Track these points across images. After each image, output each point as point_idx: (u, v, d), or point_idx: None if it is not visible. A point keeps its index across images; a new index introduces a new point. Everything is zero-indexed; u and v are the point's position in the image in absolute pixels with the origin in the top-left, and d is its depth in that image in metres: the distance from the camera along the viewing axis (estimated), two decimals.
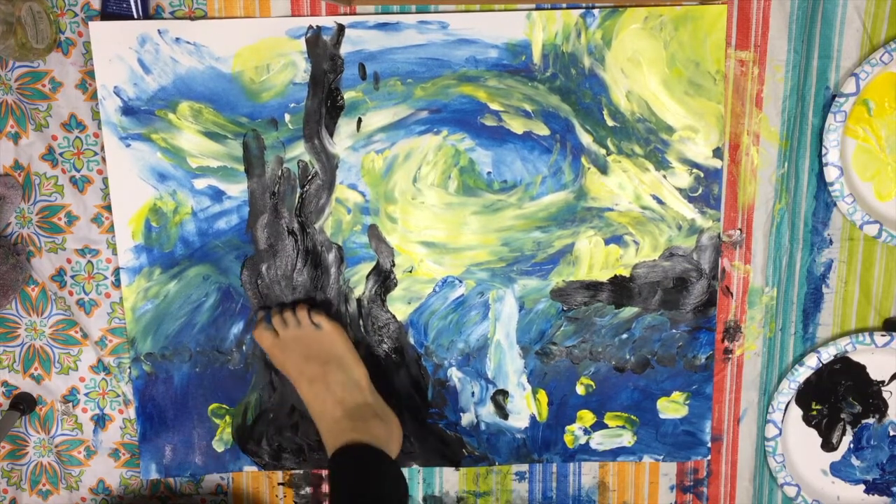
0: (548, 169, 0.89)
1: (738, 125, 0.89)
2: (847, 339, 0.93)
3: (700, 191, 0.89)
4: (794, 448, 0.97)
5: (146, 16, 0.86)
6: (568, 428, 0.95)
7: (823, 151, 0.88)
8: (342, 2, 0.84)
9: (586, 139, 0.88)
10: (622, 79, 0.87)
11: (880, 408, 0.96)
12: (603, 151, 0.88)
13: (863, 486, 0.98)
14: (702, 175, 0.89)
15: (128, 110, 0.87)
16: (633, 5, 0.85)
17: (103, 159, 0.89)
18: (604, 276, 0.91)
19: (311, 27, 0.86)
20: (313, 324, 0.87)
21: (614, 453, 0.96)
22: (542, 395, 0.94)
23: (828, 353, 0.93)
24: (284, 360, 0.88)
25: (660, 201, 0.90)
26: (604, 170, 0.89)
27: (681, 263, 0.91)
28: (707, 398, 0.94)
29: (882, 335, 0.92)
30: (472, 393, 0.94)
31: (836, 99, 0.86)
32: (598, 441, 0.95)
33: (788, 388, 0.94)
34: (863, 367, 0.95)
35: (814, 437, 0.97)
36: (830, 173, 0.88)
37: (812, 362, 0.93)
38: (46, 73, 0.87)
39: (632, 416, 0.95)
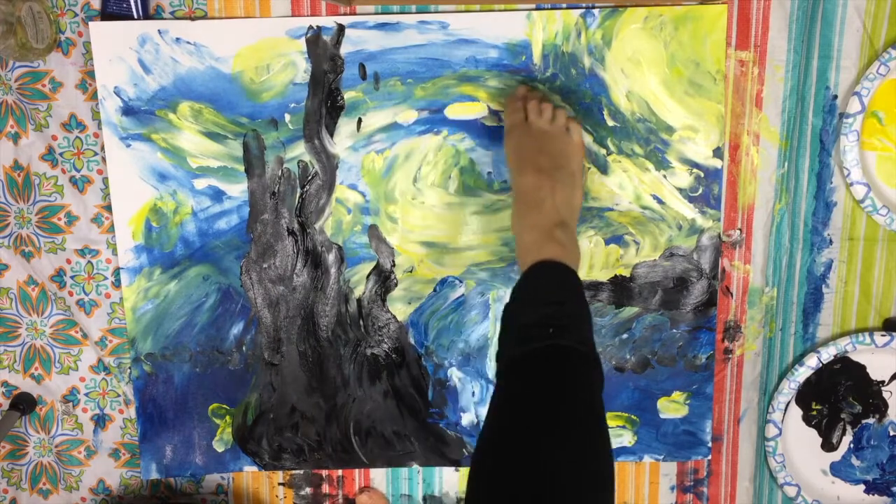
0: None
1: (738, 125, 0.89)
2: (847, 339, 0.93)
3: (700, 191, 0.89)
4: (794, 448, 0.97)
5: (146, 16, 0.86)
6: None
7: (846, 173, 0.88)
8: (342, 2, 0.84)
9: (586, 139, 0.88)
10: (622, 79, 0.87)
11: (880, 408, 0.96)
12: (603, 151, 0.88)
13: (863, 486, 0.98)
14: (702, 175, 0.89)
15: (128, 110, 0.87)
16: (633, 5, 0.85)
17: (103, 159, 0.89)
18: (604, 276, 0.91)
19: (311, 27, 0.86)
20: (566, 129, 0.81)
21: (615, 453, 0.96)
22: None
23: (828, 353, 0.93)
24: (520, 143, 0.80)
25: (660, 201, 0.90)
26: (604, 170, 0.89)
27: (681, 263, 0.91)
28: (707, 398, 0.94)
29: (882, 335, 0.92)
30: (473, 393, 0.94)
31: (845, 120, 0.86)
32: None
33: (788, 388, 0.94)
34: (863, 367, 0.95)
35: (814, 437, 0.97)
36: (858, 192, 0.88)
37: (812, 362, 0.93)
38: (46, 73, 0.88)
39: (632, 416, 0.95)
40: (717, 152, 0.88)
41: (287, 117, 0.88)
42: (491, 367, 0.93)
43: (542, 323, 0.66)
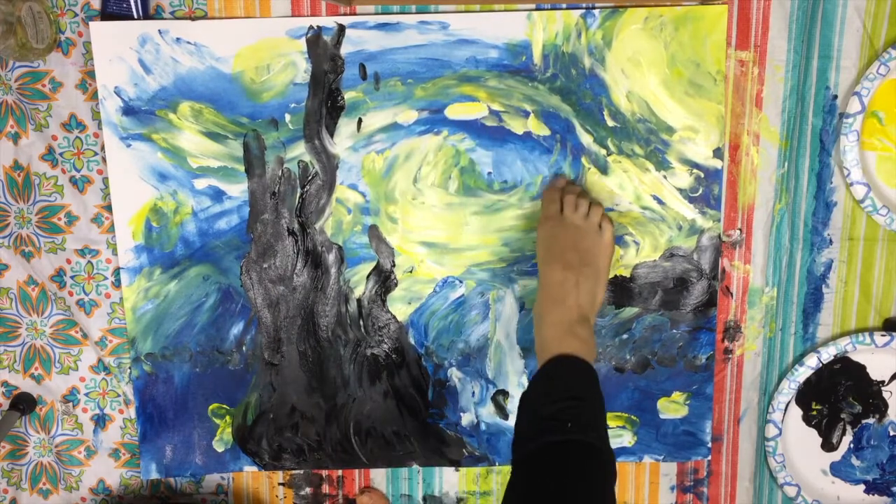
0: (548, 169, 0.89)
1: (738, 125, 0.89)
2: (847, 339, 0.93)
3: (700, 191, 0.89)
4: (794, 448, 0.97)
5: (146, 16, 0.86)
6: None
7: (846, 173, 0.88)
8: (342, 2, 0.84)
9: (587, 139, 0.88)
10: (622, 79, 0.87)
11: (880, 408, 0.96)
12: (603, 152, 0.88)
13: (863, 486, 0.98)
14: (702, 175, 0.89)
15: (128, 110, 0.87)
16: (634, 6, 0.85)
17: (103, 159, 0.89)
18: None
19: (311, 27, 0.86)
20: (599, 228, 0.83)
21: (615, 453, 0.96)
22: None
23: (828, 353, 0.93)
24: (552, 236, 0.82)
25: (660, 202, 0.90)
26: (604, 170, 0.89)
27: (681, 264, 0.91)
28: (707, 398, 0.94)
29: (882, 335, 0.92)
30: (473, 393, 0.94)
31: (845, 120, 0.86)
32: None
33: (788, 388, 0.94)
34: (863, 367, 0.95)
35: (814, 437, 0.97)
36: (858, 192, 0.88)
37: (812, 362, 0.93)
38: (46, 73, 0.87)
39: (632, 417, 0.95)
40: (718, 153, 0.88)
41: (287, 117, 0.88)
42: (490, 367, 0.93)
43: (561, 417, 0.68)
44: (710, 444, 0.95)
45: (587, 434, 0.68)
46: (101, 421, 0.96)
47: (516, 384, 0.94)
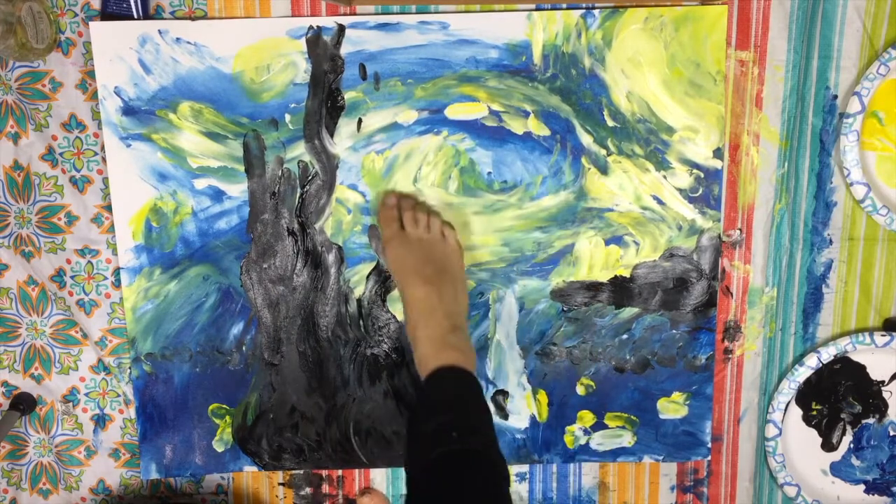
0: (548, 169, 0.89)
1: (738, 125, 0.89)
2: (847, 339, 0.93)
3: (700, 191, 0.89)
4: (794, 448, 0.97)
5: (146, 16, 0.86)
6: (568, 428, 0.95)
7: (846, 173, 0.88)
8: (342, 2, 0.84)
9: (587, 139, 0.88)
10: (622, 79, 0.87)
11: (880, 408, 0.96)
12: (603, 152, 0.88)
13: (863, 486, 0.98)
14: (702, 176, 0.89)
15: (128, 110, 0.87)
16: (634, 6, 0.85)
17: (103, 159, 0.89)
18: (604, 277, 0.91)
19: (311, 27, 0.86)
20: (442, 235, 0.86)
21: (614, 454, 0.96)
22: (543, 396, 0.94)
23: (828, 353, 0.93)
24: (403, 255, 0.84)
25: (660, 202, 0.90)
26: (604, 170, 0.89)
27: (681, 264, 0.91)
28: (707, 399, 0.94)
29: (882, 335, 0.92)
30: None
31: (845, 120, 0.86)
32: (599, 441, 0.96)
33: (788, 388, 0.94)
34: (863, 367, 0.95)
35: (814, 437, 0.97)
36: (858, 192, 0.88)
37: (812, 362, 0.93)
38: (46, 73, 0.87)
39: (632, 417, 0.95)
40: (718, 153, 0.88)
41: (287, 117, 0.88)
42: (490, 368, 0.93)
43: (447, 428, 0.69)
44: (709, 445, 0.95)
45: (473, 441, 0.69)
46: (101, 421, 0.96)
47: (516, 384, 0.94)
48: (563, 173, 0.89)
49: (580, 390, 0.94)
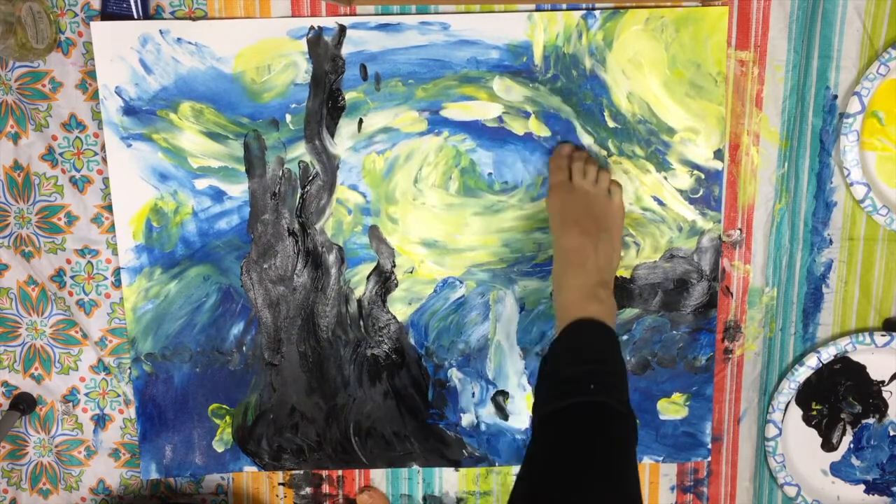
0: (548, 170, 0.89)
1: (738, 125, 0.89)
2: (847, 339, 0.93)
3: (701, 192, 0.89)
4: (794, 448, 0.97)
5: (146, 16, 0.86)
6: None
7: (846, 173, 0.88)
8: (342, 2, 0.84)
9: (587, 140, 0.88)
10: (623, 80, 0.87)
11: (880, 408, 0.96)
12: (604, 153, 0.88)
13: (863, 486, 0.99)
14: (702, 177, 0.89)
15: (129, 110, 0.87)
16: (635, 6, 0.85)
17: (103, 159, 0.89)
18: None
19: (312, 28, 0.86)
20: (608, 192, 0.84)
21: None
22: None
23: (828, 353, 0.93)
24: (566, 204, 0.83)
25: (660, 203, 0.90)
26: None
27: (681, 265, 0.91)
28: (707, 400, 0.94)
29: (882, 335, 0.92)
30: (473, 394, 0.94)
31: (845, 120, 0.87)
32: None
33: (788, 388, 0.94)
34: (863, 367, 0.95)
35: (814, 437, 0.97)
36: (858, 192, 0.88)
37: (812, 362, 0.93)
38: (46, 73, 0.87)
39: None
40: (718, 154, 0.89)
41: (288, 118, 0.88)
42: (490, 368, 0.94)
43: (584, 379, 0.68)
44: (709, 446, 0.95)
45: (610, 396, 0.67)
46: (101, 421, 0.96)
47: (516, 385, 0.94)
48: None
49: None
